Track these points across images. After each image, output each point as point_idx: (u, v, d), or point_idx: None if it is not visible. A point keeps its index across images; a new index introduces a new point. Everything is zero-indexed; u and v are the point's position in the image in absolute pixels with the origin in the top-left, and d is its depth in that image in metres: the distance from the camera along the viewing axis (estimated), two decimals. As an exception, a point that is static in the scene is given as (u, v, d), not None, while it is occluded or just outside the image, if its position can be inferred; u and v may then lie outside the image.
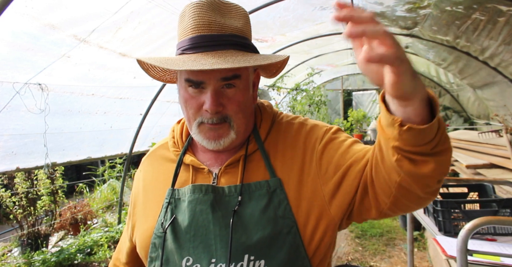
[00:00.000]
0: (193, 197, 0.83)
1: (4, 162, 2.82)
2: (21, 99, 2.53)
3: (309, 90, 7.48)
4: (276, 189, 0.82)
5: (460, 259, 1.31)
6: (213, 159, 0.91)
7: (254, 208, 0.81)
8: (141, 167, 1.02)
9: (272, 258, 0.78)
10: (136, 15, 2.55)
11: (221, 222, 0.80)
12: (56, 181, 4.24)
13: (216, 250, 0.79)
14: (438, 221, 1.81)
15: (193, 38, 0.79)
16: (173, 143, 0.96)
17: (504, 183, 2.17)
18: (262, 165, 0.86)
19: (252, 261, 0.78)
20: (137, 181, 1.01)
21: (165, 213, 0.86)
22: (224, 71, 0.77)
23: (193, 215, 0.82)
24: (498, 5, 2.59)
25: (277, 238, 0.79)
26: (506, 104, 4.21)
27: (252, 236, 0.78)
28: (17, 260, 3.36)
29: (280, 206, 0.81)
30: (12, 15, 1.95)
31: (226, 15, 0.83)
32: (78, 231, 4.25)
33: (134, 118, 4.02)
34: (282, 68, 0.93)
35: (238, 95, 0.81)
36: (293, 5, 3.50)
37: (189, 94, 0.82)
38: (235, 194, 0.82)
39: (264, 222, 0.79)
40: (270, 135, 0.91)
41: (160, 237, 0.84)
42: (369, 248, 3.92)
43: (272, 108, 0.97)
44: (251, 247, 0.78)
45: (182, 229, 0.83)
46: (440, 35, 3.89)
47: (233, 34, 0.81)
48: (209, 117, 0.81)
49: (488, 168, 3.27)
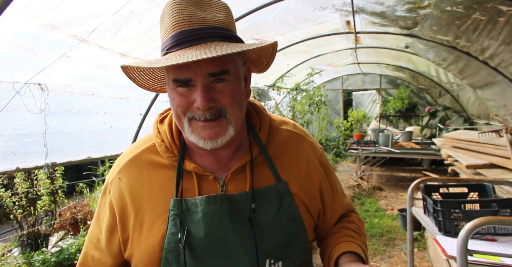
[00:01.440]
0: (209, 208, 0.81)
1: (4, 162, 2.82)
2: (21, 99, 2.53)
3: (309, 90, 7.48)
4: (284, 192, 0.86)
5: (460, 259, 1.31)
6: (214, 163, 0.87)
7: (267, 213, 0.84)
8: (120, 174, 0.88)
9: (288, 258, 0.84)
10: (136, 15, 2.55)
11: (240, 230, 0.81)
12: (56, 181, 4.24)
13: (238, 258, 0.80)
14: (438, 221, 1.81)
15: (175, 35, 0.77)
16: (165, 147, 0.87)
17: (504, 183, 2.16)
18: (266, 169, 0.88)
19: (273, 264, 0.82)
20: (117, 190, 0.87)
21: (173, 226, 0.81)
22: (210, 66, 0.74)
23: (210, 226, 0.80)
24: (498, 5, 2.59)
25: (291, 239, 0.85)
26: (506, 104, 4.21)
27: (271, 241, 0.82)
28: (17, 260, 3.36)
29: (289, 208, 0.86)
30: (12, 15, 1.94)
31: (206, 9, 0.80)
32: (78, 231, 4.25)
33: (134, 118, 4.02)
34: (272, 59, 0.89)
35: (229, 87, 0.78)
36: (293, 5, 3.50)
37: (178, 93, 0.78)
38: (247, 200, 0.83)
39: (279, 226, 0.83)
40: (269, 138, 0.92)
41: (173, 252, 0.80)
42: (369, 248, 3.92)
43: (266, 110, 0.97)
44: (271, 252, 0.82)
45: (197, 241, 0.80)
46: (440, 35, 3.89)
47: (216, 26, 0.78)
48: (201, 114, 0.76)
49: (488, 168, 3.27)
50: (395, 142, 6.77)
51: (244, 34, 3.86)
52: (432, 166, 7.90)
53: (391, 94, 9.50)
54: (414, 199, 2.22)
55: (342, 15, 3.97)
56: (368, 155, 6.59)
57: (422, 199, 2.08)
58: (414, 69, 7.54)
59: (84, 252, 0.92)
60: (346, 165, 8.82)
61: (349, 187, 6.51)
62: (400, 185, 6.71)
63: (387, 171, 8.09)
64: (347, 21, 4.19)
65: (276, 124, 0.97)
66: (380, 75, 9.72)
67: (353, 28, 4.44)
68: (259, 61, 0.91)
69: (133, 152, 0.91)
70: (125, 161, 0.90)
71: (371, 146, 6.73)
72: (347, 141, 8.53)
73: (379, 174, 7.81)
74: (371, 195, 6.19)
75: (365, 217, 4.93)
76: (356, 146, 6.83)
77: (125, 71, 0.82)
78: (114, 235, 0.86)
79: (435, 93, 8.04)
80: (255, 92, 5.55)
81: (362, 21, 4.17)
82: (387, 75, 9.58)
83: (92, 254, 0.90)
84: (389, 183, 6.98)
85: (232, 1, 0.88)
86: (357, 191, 6.31)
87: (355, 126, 9.51)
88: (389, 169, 8.25)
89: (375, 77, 9.90)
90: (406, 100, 8.71)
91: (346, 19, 4.12)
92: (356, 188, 6.49)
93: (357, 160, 6.97)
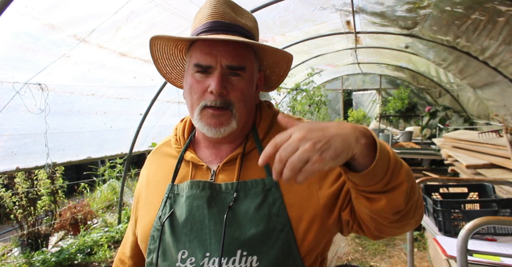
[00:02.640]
0: (191, 192, 0.86)
1: (4, 162, 2.82)
2: (21, 99, 2.53)
3: (309, 90, 7.48)
4: (272, 187, 0.84)
5: (460, 259, 1.31)
6: (213, 156, 0.93)
7: (248, 205, 0.83)
8: (146, 163, 1.06)
9: (264, 254, 0.80)
10: (136, 15, 2.55)
11: (216, 217, 0.83)
12: (56, 181, 4.24)
13: (210, 244, 0.82)
14: (438, 221, 1.81)
15: (208, 23, 0.84)
16: (175, 140, 0.98)
17: (504, 183, 2.16)
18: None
19: (245, 257, 0.80)
20: (142, 177, 1.04)
21: (163, 207, 0.89)
22: (232, 59, 0.81)
23: (190, 210, 0.85)
24: (498, 5, 2.59)
25: (270, 235, 0.81)
26: (506, 104, 4.21)
27: (246, 232, 0.81)
28: (17, 260, 3.36)
29: (274, 204, 0.83)
30: (12, 15, 1.95)
31: (239, 15, 0.89)
32: (78, 231, 4.25)
33: (134, 118, 4.02)
34: (284, 77, 0.97)
35: (242, 84, 0.84)
36: (293, 5, 3.50)
37: (195, 79, 0.84)
38: (231, 190, 0.85)
39: (258, 219, 0.81)
40: (269, 134, 0.93)
41: (158, 230, 0.87)
42: (369, 248, 3.92)
43: (272, 108, 0.99)
44: (244, 243, 0.80)
45: (179, 223, 0.85)
46: (440, 35, 3.89)
47: (244, 27, 0.87)
48: (213, 99, 0.82)
49: (488, 168, 3.27)
50: (395, 142, 6.77)
51: (244, 34, 3.86)
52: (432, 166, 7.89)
53: (391, 94, 9.51)
54: (414, 199, 2.21)
55: (342, 15, 3.97)
56: (368, 155, 6.57)
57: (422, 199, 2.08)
58: (414, 69, 7.54)
59: (127, 232, 1.09)
60: (346, 165, 8.81)
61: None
62: (400, 185, 6.70)
63: (387, 171, 8.08)
64: (347, 21, 4.19)
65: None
66: (380, 75, 9.72)
67: (353, 28, 4.44)
68: (271, 77, 0.98)
69: (157, 146, 1.07)
70: (151, 152, 1.07)
71: (371, 146, 6.71)
72: (347, 141, 8.51)
73: (379, 174, 7.80)
74: (371, 195, 6.18)
75: (365, 217, 4.93)
76: (356, 146, 6.80)
77: (151, 48, 0.91)
78: (133, 215, 1.02)
79: (435, 93, 8.04)
80: (255, 92, 5.55)
81: (362, 21, 4.17)
82: (387, 75, 9.58)
83: (128, 230, 1.07)
84: (389, 183, 6.96)
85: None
86: (357, 191, 6.31)
87: (355, 126, 9.50)
88: (389, 169, 8.23)
89: (375, 77, 9.90)
90: (406, 100, 8.72)
91: (346, 19, 4.12)
92: (356, 188, 6.48)
93: (357, 160, 6.95)
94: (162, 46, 0.91)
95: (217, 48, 0.81)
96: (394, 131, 7.68)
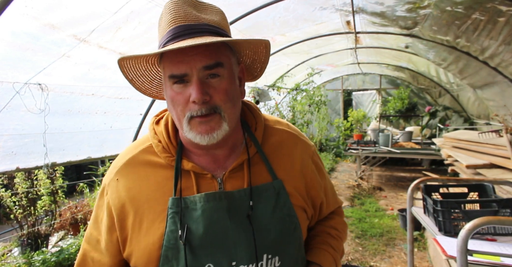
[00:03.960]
0: (208, 205, 0.83)
1: (4, 162, 2.82)
2: (21, 99, 2.53)
3: (309, 90, 7.48)
4: (280, 190, 0.89)
5: (460, 259, 1.31)
6: (211, 163, 0.89)
7: (264, 210, 0.87)
8: (117, 176, 0.89)
9: (284, 253, 0.87)
10: (136, 15, 2.55)
11: (239, 227, 0.84)
12: (56, 181, 4.24)
13: (235, 253, 0.83)
14: (438, 221, 1.81)
15: (171, 30, 0.80)
16: (162, 148, 0.89)
17: (504, 183, 2.16)
18: (263, 168, 0.91)
19: (270, 259, 0.85)
20: (115, 191, 0.88)
21: (173, 224, 0.83)
22: (204, 59, 0.77)
23: (209, 223, 0.82)
24: (498, 5, 2.59)
25: (287, 235, 0.87)
26: (506, 104, 4.21)
27: (267, 236, 0.85)
28: (17, 260, 3.36)
29: (285, 205, 0.89)
30: (12, 15, 1.94)
31: (202, 11, 0.84)
32: (78, 231, 4.25)
33: (134, 118, 4.02)
34: (266, 63, 0.92)
35: (223, 84, 0.80)
36: (293, 5, 3.50)
37: (174, 91, 0.80)
38: (245, 197, 0.86)
39: (275, 221, 0.86)
40: (264, 138, 0.95)
41: (172, 249, 0.82)
42: (369, 248, 3.92)
43: (260, 111, 1.00)
44: (268, 247, 0.85)
45: (196, 237, 0.82)
46: (440, 35, 3.89)
47: (210, 24, 0.82)
48: (198, 109, 0.78)
49: (488, 168, 3.27)
50: (395, 142, 6.77)
51: (244, 34, 3.87)
52: (432, 166, 7.90)
53: (391, 94, 9.51)
54: (414, 199, 2.22)
55: (342, 15, 3.97)
56: (368, 155, 6.59)
57: (422, 199, 2.09)
58: (414, 69, 7.54)
59: (83, 254, 0.93)
60: (346, 165, 8.82)
61: (349, 187, 6.51)
62: (400, 185, 6.71)
63: (387, 171, 8.09)
64: (347, 21, 4.19)
65: (271, 124, 1.00)
66: (380, 75, 9.72)
67: (353, 28, 4.44)
68: (253, 66, 0.94)
69: (130, 153, 0.92)
70: (122, 162, 0.91)
71: (371, 146, 6.73)
72: (347, 141, 8.53)
73: (379, 174, 7.81)
74: (371, 195, 6.19)
75: (365, 217, 4.93)
76: (356, 146, 6.83)
77: (122, 70, 0.85)
78: (112, 236, 0.88)
79: (435, 93, 8.04)
80: (255, 92, 5.55)
81: (362, 21, 4.17)
82: (387, 75, 9.58)
83: (92, 255, 0.91)
84: (389, 183, 6.98)
85: (232, 1, 0.90)
86: (357, 191, 6.31)
87: (355, 127, 9.51)
88: (389, 169, 8.25)
89: (375, 77, 9.89)
90: (406, 100, 8.72)
91: (346, 19, 4.12)
92: (356, 188, 6.49)
93: (357, 160, 6.97)
94: (133, 65, 0.86)
95: (187, 54, 0.76)
96: (394, 131, 7.68)
